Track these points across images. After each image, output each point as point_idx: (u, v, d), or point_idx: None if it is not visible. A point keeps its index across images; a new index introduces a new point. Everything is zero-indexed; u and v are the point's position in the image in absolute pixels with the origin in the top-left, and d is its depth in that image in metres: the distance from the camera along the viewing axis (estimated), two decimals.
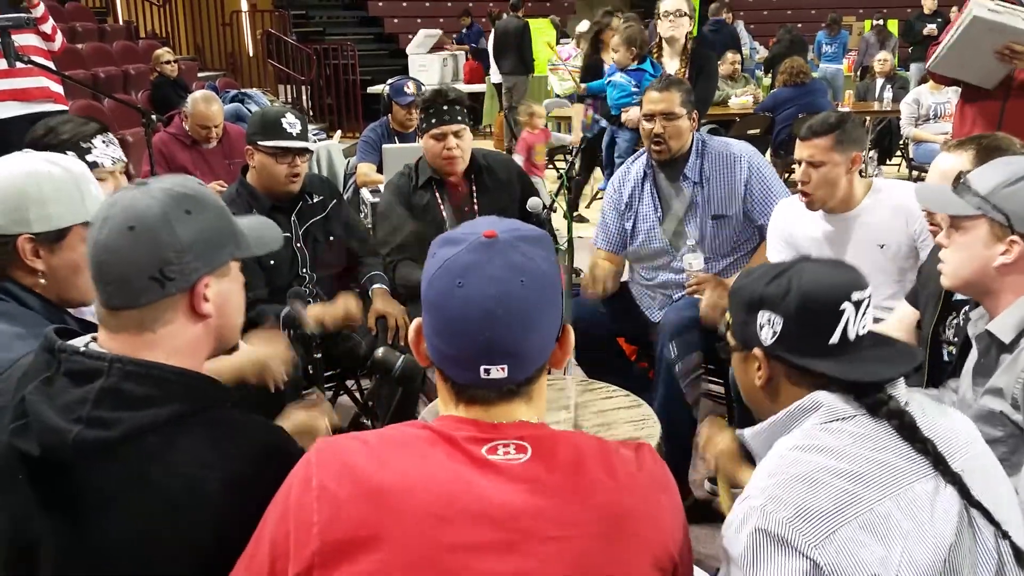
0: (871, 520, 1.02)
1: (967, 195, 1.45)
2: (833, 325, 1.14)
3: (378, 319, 2.60)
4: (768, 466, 1.12)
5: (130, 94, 6.98)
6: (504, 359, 0.93)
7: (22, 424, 1.01)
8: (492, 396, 0.96)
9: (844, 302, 1.14)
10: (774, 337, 1.17)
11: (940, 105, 6.11)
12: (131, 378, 1.01)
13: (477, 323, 0.92)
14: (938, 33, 8.70)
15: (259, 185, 2.59)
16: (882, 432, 1.10)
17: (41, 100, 4.46)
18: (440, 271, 0.95)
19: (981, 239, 1.44)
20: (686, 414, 2.57)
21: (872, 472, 1.06)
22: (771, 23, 12.97)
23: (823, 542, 1.00)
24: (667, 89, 2.66)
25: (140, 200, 1.04)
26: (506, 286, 0.92)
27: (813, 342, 1.15)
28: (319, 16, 12.54)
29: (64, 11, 7.90)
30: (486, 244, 0.94)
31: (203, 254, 1.06)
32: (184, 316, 1.07)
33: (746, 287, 1.22)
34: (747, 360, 1.23)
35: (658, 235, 2.75)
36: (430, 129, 2.69)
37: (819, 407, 1.13)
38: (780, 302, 1.16)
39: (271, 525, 0.94)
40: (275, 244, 1.23)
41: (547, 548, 0.89)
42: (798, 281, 1.16)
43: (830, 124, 2.27)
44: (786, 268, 1.19)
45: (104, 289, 1.05)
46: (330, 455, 0.95)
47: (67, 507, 1.00)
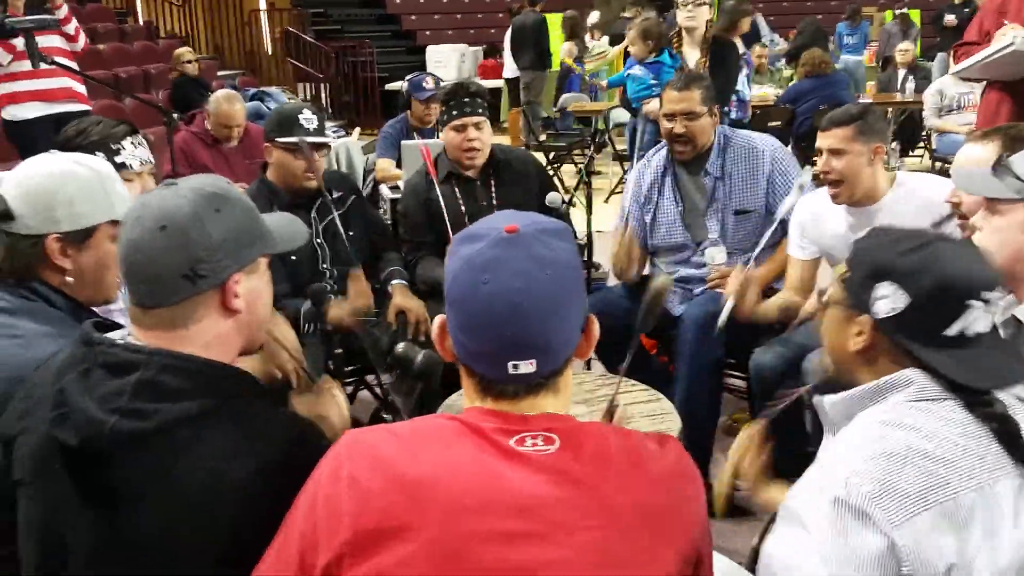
0: (953, 509, 0.99)
1: (1007, 178, 1.41)
2: (955, 317, 1.08)
3: (398, 314, 2.61)
4: (851, 438, 1.08)
5: (151, 93, 7.05)
6: (532, 353, 0.93)
7: (60, 414, 1.02)
8: (520, 390, 0.96)
9: (974, 299, 1.08)
10: (891, 313, 1.10)
11: (964, 96, 6.02)
12: (168, 371, 1.02)
13: (504, 318, 0.92)
14: (957, 23, 8.59)
15: (278, 182, 2.60)
16: (971, 418, 1.06)
17: (65, 100, 4.51)
18: (463, 268, 0.95)
19: (1018, 225, 1.40)
20: (706, 409, 2.56)
21: (960, 459, 1.02)
22: (791, 15, 12.85)
23: (904, 523, 0.98)
24: (687, 88, 2.62)
25: (170, 200, 1.06)
26: (531, 279, 0.92)
27: (930, 328, 1.09)
28: (337, 14, 12.58)
29: (84, 12, 7.98)
30: (508, 239, 0.94)
31: (233, 251, 1.08)
32: (215, 313, 1.09)
33: (875, 249, 1.15)
34: (848, 321, 1.16)
35: (679, 229, 2.74)
36: (451, 120, 2.70)
37: (910, 384, 1.09)
38: (911, 279, 1.08)
39: (300, 517, 0.95)
40: (301, 240, 1.24)
41: (576, 538, 0.90)
42: (936, 262, 1.08)
43: (851, 115, 2.25)
44: (926, 242, 1.11)
45: (136, 288, 1.07)
46: (360, 447, 0.96)
47: (101, 498, 1.01)
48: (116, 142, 1.94)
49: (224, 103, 3.85)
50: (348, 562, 0.90)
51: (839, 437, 1.12)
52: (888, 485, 1.00)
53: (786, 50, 9.73)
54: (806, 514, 1.03)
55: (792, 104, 6.37)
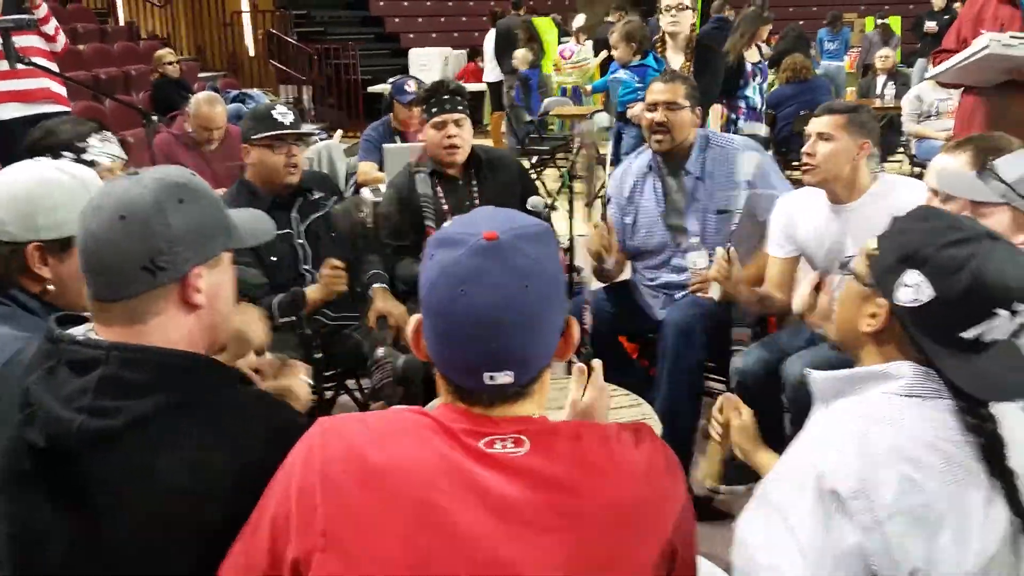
0: (924, 514, 0.99)
1: (992, 182, 1.43)
2: (978, 323, 1.04)
3: (379, 318, 2.60)
4: (833, 428, 1.08)
5: (131, 95, 6.99)
6: (510, 366, 0.93)
7: (28, 414, 1.01)
8: (496, 399, 0.95)
9: (1004, 308, 1.03)
10: (913, 303, 1.06)
11: (942, 102, 6.09)
12: (130, 365, 1.00)
13: (482, 332, 0.91)
14: (938, 30, 8.69)
15: (258, 181, 2.59)
16: (953, 424, 1.05)
17: (43, 101, 4.46)
18: (441, 277, 0.93)
19: (1003, 227, 1.42)
20: (687, 412, 2.56)
21: (936, 464, 1.02)
22: (773, 20, 12.94)
23: (875, 527, 0.98)
24: (672, 81, 2.69)
25: (132, 189, 1.03)
26: (510, 292, 0.91)
27: (947, 328, 1.05)
28: (320, 16, 12.54)
29: (65, 12, 7.91)
30: (487, 248, 0.91)
31: (195, 244, 1.06)
32: (175, 307, 1.06)
33: (912, 233, 1.10)
34: (865, 299, 1.13)
35: (660, 229, 2.75)
36: (431, 118, 2.71)
37: (901, 378, 1.08)
38: (946, 275, 1.03)
39: (273, 503, 0.94)
40: (267, 236, 1.22)
41: (547, 539, 0.89)
42: (980, 263, 1.03)
43: (847, 106, 2.33)
44: (970, 237, 1.05)
45: (95, 280, 1.05)
46: (333, 436, 0.95)
47: (74, 498, 1.00)
48: (82, 140, 1.92)
49: (205, 106, 3.82)
50: (319, 557, 0.89)
51: (821, 425, 1.11)
52: (867, 484, 1.00)
53: (768, 56, 9.82)
54: (786, 506, 1.03)
55: (773, 109, 6.42)
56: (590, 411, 1.29)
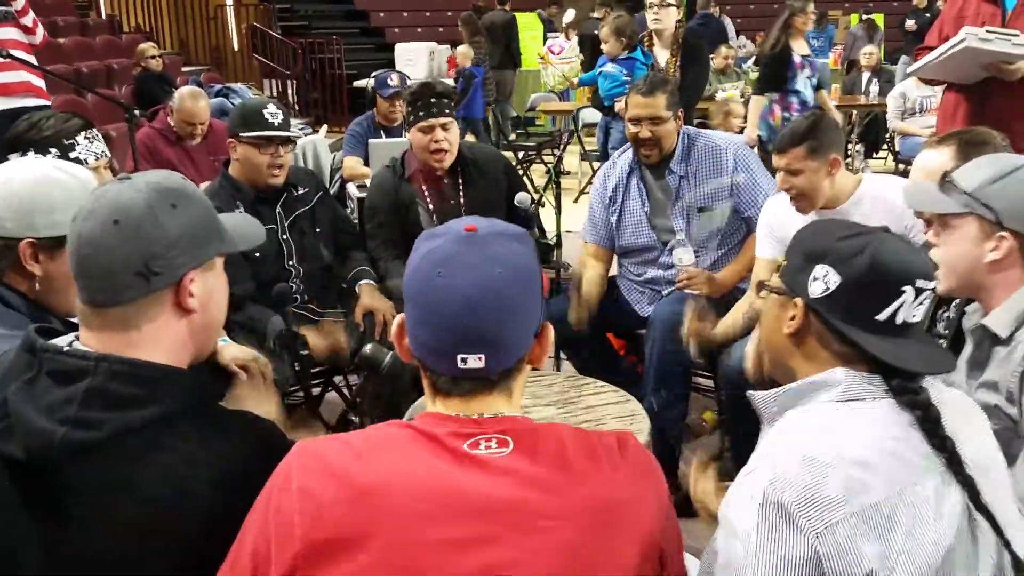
0: (875, 514, 1.00)
1: (954, 193, 1.45)
2: (888, 302, 1.09)
3: (365, 315, 2.58)
4: (777, 441, 1.09)
5: (113, 89, 6.93)
6: (481, 348, 0.94)
7: (4, 427, 0.99)
8: (469, 388, 0.97)
9: (908, 285, 1.09)
10: (823, 293, 1.12)
11: (926, 99, 6.13)
12: (118, 377, 0.99)
13: (455, 310, 0.93)
14: (917, 28, 8.75)
15: (242, 177, 2.56)
16: (897, 420, 1.07)
17: (22, 95, 4.41)
18: (421, 262, 0.97)
19: (970, 237, 1.44)
20: (675, 408, 2.57)
21: (884, 463, 1.03)
22: (758, 17, 12.99)
23: (825, 532, 0.99)
24: (651, 93, 2.64)
25: (125, 193, 1.03)
26: (483, 274, 0.94)
27: (861, 312, 1.10)
28: (304, 10, 12.45)
29: (46, 5, 7.81)
30: (466, 236, 0.97)
31: (189, 248, 1.05)
32: (169, 312, 1.06)
33: (814, 235, 1.17)
34: (784, 306, 1.18)
35: (646, 230, 2.75)
36: (417, 122, 2.68)
37: (838, 384, 1.10)
38: (846, 261, 1.10)
39: (252, 532, 0.93)
40: (257, 240, 1.22)
41: (532, 540, 0.89)
42: (874, 247, 1.10)
43: (801, 133, 2.25)
44: (865, 231, 1.14)
45: (87, 285, 1.03)
46: (311, 458, 0.95)
47: (51, 510, 0.98)
48: (69, 137, 1.90)
49: (188, 100, 3.79)
50: (301, 574, 0.88)
51: (767, 439, 1.13)
52: (811, 491, 1.00)
53: (750, 53, 9.84)
54: (736, 521, 1.04)
55: None
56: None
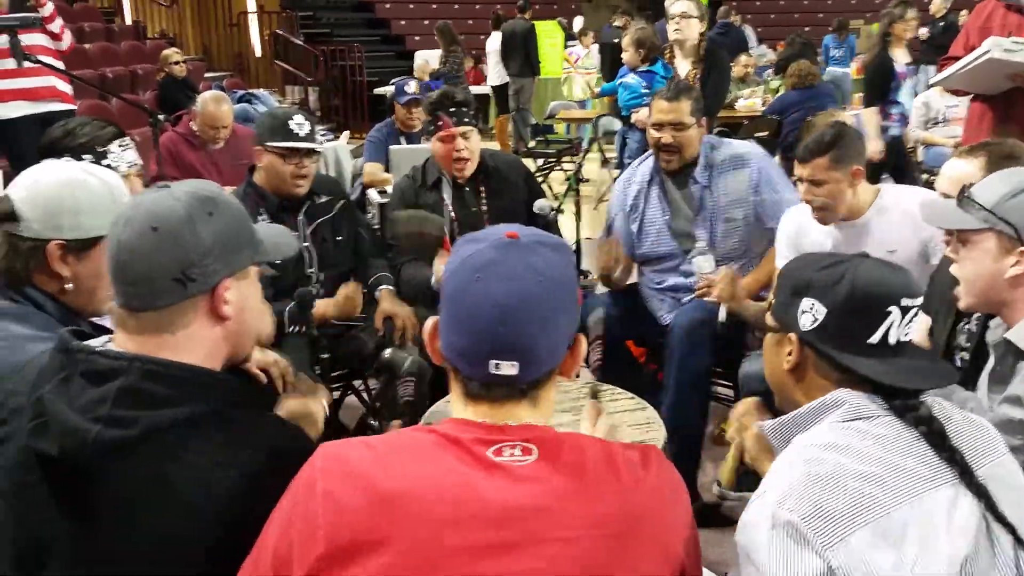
0: (887, 526, 1.01)
1: (972, 209, 1.44)
2: (876, 325, 1.12)
3: (385, 320, 2.59)
4: (786, 462, 1.10)
5: (137, 94, 7.00)
6: (515, 355, 0.94)
7: (40, 424, 1.00)
8: (499, 394, 0.96)
9: (893, 305, 1.11)
10: (813, 324, 1.14)
11: (950, 108, 6.07)
12: (150, 377, 1.01)
13: (491, 316, 0.93)
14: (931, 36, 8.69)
15: (266, 185, 2.58)
16: (904, 435, 1.08)
17: (49, 100, 4.47)
18: (460, 266, 0.97)
19: (990, 252, 1.43)
20: (694, 417, 2.55)
21: (891, 476, 1.04)
22: (778, 26, 12.96)
23: (837, 544, 0.99)
24: (676, 99, 2.63)
25: (163, 201, 1.05)
26: (522, 282, 0.94)
27: (852, 338, 1.12)
28: (327, 17, 12.56)
29: (72, 11, 7.93)
30: (507, 243, 0.97)
31: (224, 256, 1.07)
32: (204, 318, 1.07)
33: (796, 270, 1.20)
34: (780, 342, 1.21)
35: (667, 239, 2.74)
36: (437, 131, 2.69)
37: (841, 405, 1.11)
38: (828, 291, 1.13)
39: (275, 532, 0.94)
40: (290, 251, 1.24)
41: (553, 549, 0.89)
42: (852, 274, 1.13)
43: (826, 143, 2.23)
44: (843, 259, 1.17)
45: (124, 290, 1.05)
46: (335, 461, 0.95)
47: (82, 508, 1.00)
48: (103, 145, 1.92)
49: (211, 104, 3.83)
50: None
51: (776, 463, 1.13)
52: (819, 507, 1.01)
53: (774, 61, 9.81)
54: (751, 547, 1.04)
55: (779, 115, 6.40)
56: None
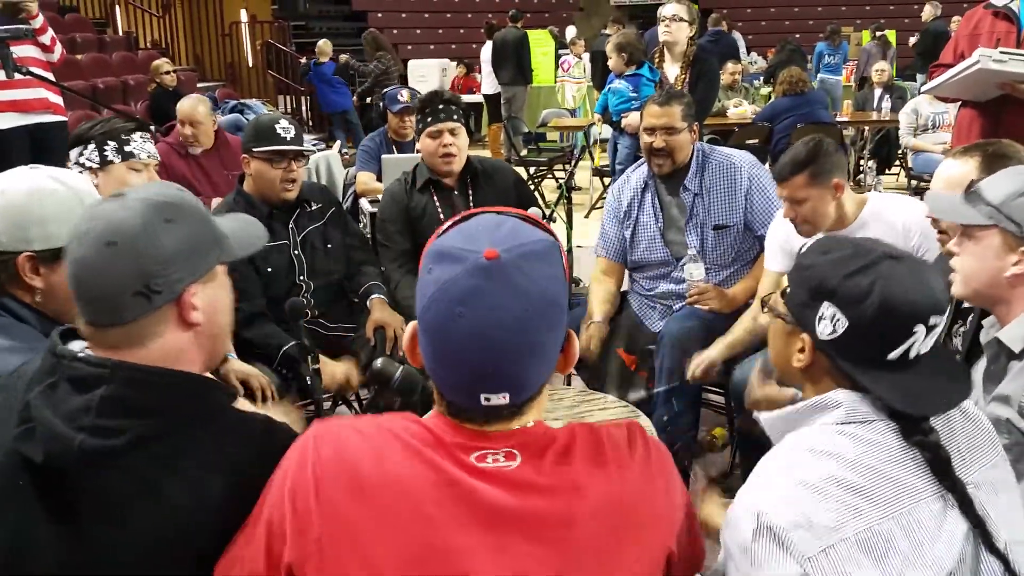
0: (871, 539, 0.99)
1: (979, 204, 1.43)
2: (899, 343, 1.07)
3: (376, 329, 2.58)
4: (774, 463, 1.09)
5: (129, 105, 7.00)
6: (506, 388, 0.91)
7: (27, 429, 1.00)
8: (491, 418, 0.94)
9: (920, 324, 1.06)
10: (832, 335, 1.09)
11: (939, 115, 6.11)
12: (133, 385, 1.00)
13: (479, 355, 0.88)
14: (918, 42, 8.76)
15: (256, 193, 2.58)
16: (897, 443, 1.06)
17: (40, 111, 4.44)
18: (438, 295, 0.89)
19: (993, 249, 1.42)
20: (686, 425, 2.55)
21: (879, 487, 1.02)
22: (769, 34, 13.03)
23: (818, 555, 0.98)
24: (668, 103, 2.65)
25: (117, 213, 1.01)
26: (509, 315, 0.87)
27: (871, 354, 1.08)
28: (319, 27, 12.58)
29: (63, 22, 7.92)
30: (487, 268, 0.88)
31: (188, 262, 1.04)
32: (173, 327, 1.05)
33: (820, 269, 1.11)
34: (791, 336, 1.16)
35: (659, 246, 2.75)
36: (426, 128, 2.72)
37: (838, 406, 1.09)
38: (854, 304, 1.07)
39: (268, 506, 0.94)
40: (258, 244, 1.19)
41: (540, 550, 0.89)
42: (882, 287, 1.06)
43: (801, 161, 2.20)
44: (871, 263, 1.08)
45: (87, 307, 1.03)
46: (326, 443, 0.95)
47: (69, 515, 0.99)
48: (127, 133, 2.03)
49: (186, 102, 3.84)
50: (313, 563, 0.89)
51: (763, 462, 1.12)
52: (803, 516, 0.99)
53: (764, 68, 9.86)
54: (732, 544, 1.04)
55: (770, 122, 6.43)
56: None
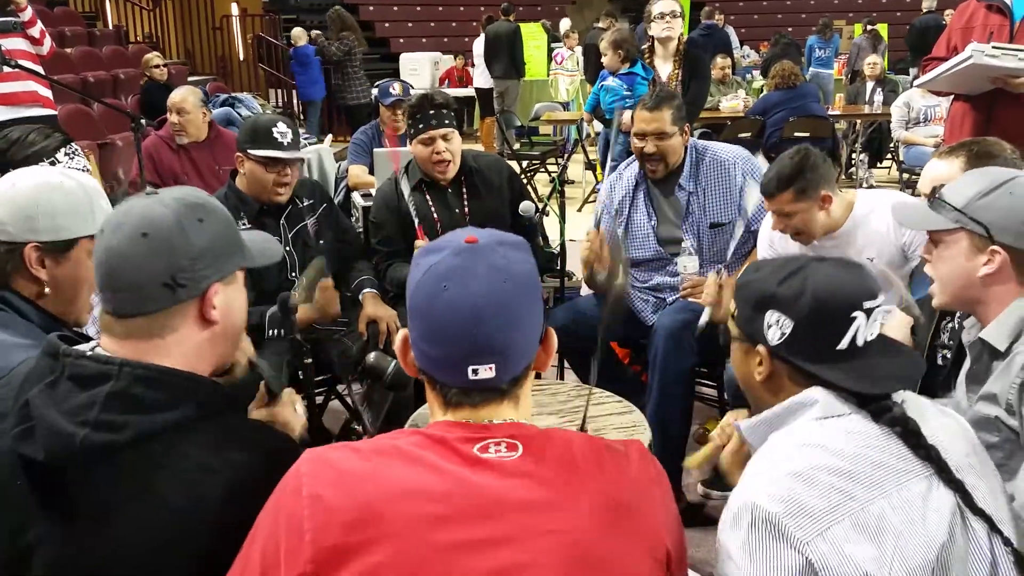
0: (864, 519, 1.02)
1: (943, 210, 1.46)
2: (843, 332, 1.13)
3: (369, 323, 2.58)
4: (762, 460, 1.12)
5: (120, 99, 6.96)
6: (491, 358, 0.95)
7: (25, 428, 1.00)
8: (479, 399, 0.98)
9: (856, 310, 1.12)
10: (781, 339, 1.15)
11: (931, 108, 6.13)
12: (140, 382, 1.01)
13: (463, 322, 0.94)
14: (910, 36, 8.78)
15: (247, 191, 2.57)
16: (876, 431, 1.10)
17: (29, 104, 4.43)
18: (425, 277, 0.97)
19: (963, 252, 1.44)
20: (678, 417, 2.56)
21: (866, 471, 1.06)
22: (761, 27, 13.04)
23: (815, 539, 1.00)
24: (658, 108, 2.63)
25: (153, 208, 1.06)
26: (490, 285, 0.95)
27: (821, 347, 1.14)
28: (310, 20, 12.50)
29: (53, 15, 7.87)
30: (468, 248, 0.97)
31: (214, 261, 1.08)
32: (192, 323, 1.08)
33: (756, 283, 1.20)
34: (748, 353, 1.22)
35: (652, 243, 2.74)
36: (418, 134, 2.69)
37: (814, 403, 1.13)
38: (792, 304, 1.14)
39: (262, 536, 0.94)
40: (276, 257, 1.25)
41: (542, 542, 0.90)
42: (812, 284, 1.13)
43: (786, 177, 2.21)
44: (799, 267, 1.17)
45: (114, 296, 1.06)
46: (320, 464, 0.95)
47: (67, 512, 0.99)
48: (50, 155, 1.90)
49: (178, 91, 3.84)
50: None
51: (753, 461, 1.15)
52: (796, 504, 1.03)
53: (757, 62, 9.87)
54: (730, 543, 1.06)
55: (762, 116, 6.44)
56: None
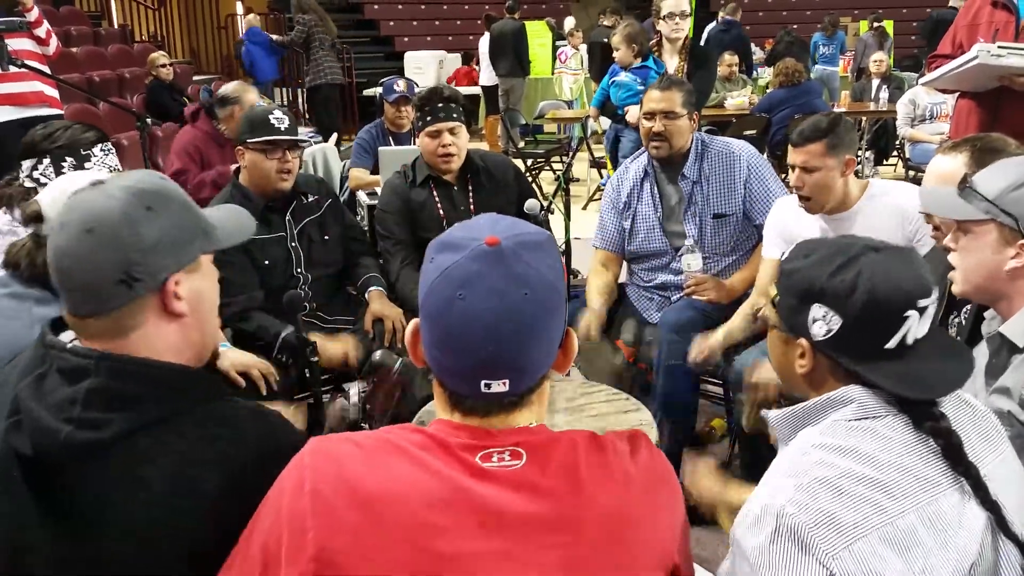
0: (893, 533, 0.98)
1: (974, 199, 1.41)
2: (894, 331, 1.07)
3: (375, 322, 2.58)
4: (790, 462, 1.07)
5: (125, 98, 6.96)
6: (505, 374, 0.91)
7: (15, 421, 0.99)
8: (492, 408, 0.93)
9: (911, 309, 1.06)
10: (827, 335, 1.09)
11: (936, 105, 6.11)
12: (119, 376, 0.98)
13: (479, 338, 0.88)
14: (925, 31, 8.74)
15: (251, 186, 2.58)
16: (912, 436, 1.06)
17: (36, 104, 4.44)
18: (440, 279, 0.90)
19: (990, 244, 1.40)
20: (684, 416, 2.56)
21: (898, 481, 1.01)
22: (767, 24, 12.99)
23: (841, 553, 0.96)
24: (668, 89, 2.67)
25: (97, 201, 1.00)
26: (509, 299, 0.88)
27: (867, 346, 1.08)
28: None
29: (59, 15, 7.88)
30: (488, 253, 0.90)
31: (170, 251, 1.02)
32: (156, 317, 1.04)
33: (804, 272, 1.12)
34: (788, 344, 1.16)
35: (658, 235, 2.75)
36: (425, 127, 2.70)
37: (851, 402, 1.08)
38: (842, 301, 1.07)
39: (263, 528, 0.92)
40: (248, 232, 1.18)
41: (544, 555, 0.88)
42: (866, 280, 1.07)
43: (822, 129, 2.22)
44: (852, 258, 1.09)
45: (70, 296, 1.02)
46: (324, 459, 0.93)
47: (61, 508, 0.98)
48: (86, 148, 1.90)
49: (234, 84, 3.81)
50: None
51: (779, 460, 1.11)
52: (824, 515, 0.98)
53: (762, 59, 9.83)
54: (748, 547, 1.02)
55: (767, 113, 6.43)
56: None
